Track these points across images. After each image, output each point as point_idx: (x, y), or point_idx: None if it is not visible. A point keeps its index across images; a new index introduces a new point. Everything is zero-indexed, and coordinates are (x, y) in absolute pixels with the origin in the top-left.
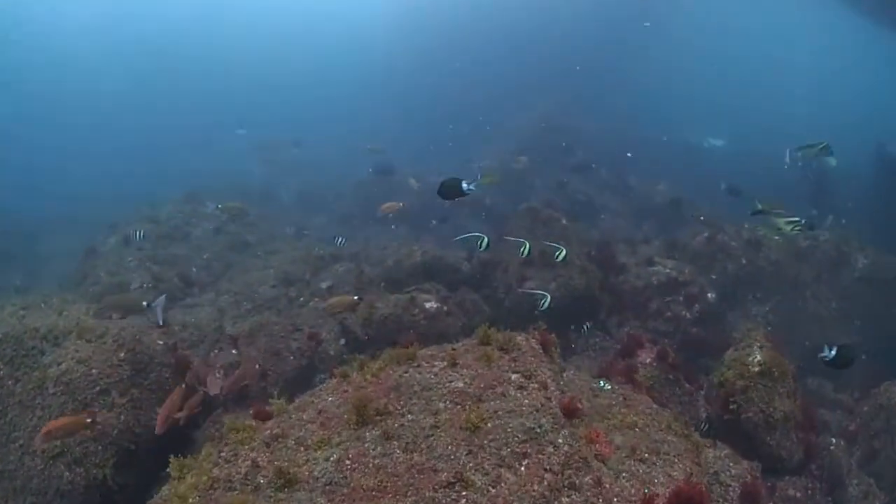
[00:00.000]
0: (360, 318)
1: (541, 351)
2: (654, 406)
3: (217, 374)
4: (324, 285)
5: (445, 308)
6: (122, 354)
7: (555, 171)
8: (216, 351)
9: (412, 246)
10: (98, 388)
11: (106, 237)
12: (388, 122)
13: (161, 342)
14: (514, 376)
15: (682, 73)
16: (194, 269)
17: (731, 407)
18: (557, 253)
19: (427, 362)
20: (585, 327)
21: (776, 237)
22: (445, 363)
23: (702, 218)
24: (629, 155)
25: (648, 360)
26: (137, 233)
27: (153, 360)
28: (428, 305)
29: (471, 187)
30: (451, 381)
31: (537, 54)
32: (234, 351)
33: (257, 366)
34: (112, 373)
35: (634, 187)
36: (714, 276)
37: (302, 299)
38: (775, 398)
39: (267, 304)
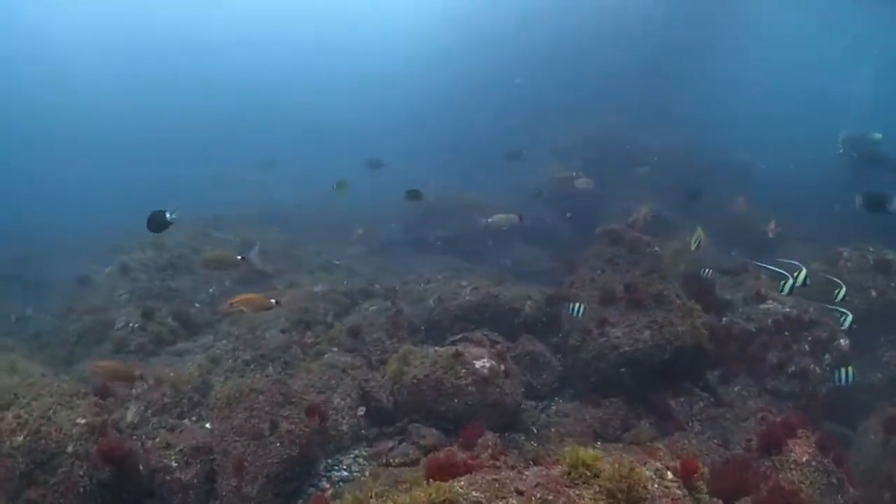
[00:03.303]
0: (388, 381)
1: (684, 495)
2: None
3: None
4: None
5: (502, 367)
6: (20, 439)
7: (619, 187)
8: (190, 420)
9: (460, 281)
10: None
11: (104, 264)
12: (436, 144)
13: (83, 420)
14: None
15: (746, 85)
16: (197, 306)
17: None
18: (783, 282)
19: None
20: None
21: None
22: None
23: None
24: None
25: (805, 458)
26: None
27: (64, 450)
28: (478, 365)
29: (173, 216)
30: None
31: (593, 65)
32: (207, 426)
33: None
34: None
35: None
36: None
37: (318, 347)
38: None
39: (271, 355)
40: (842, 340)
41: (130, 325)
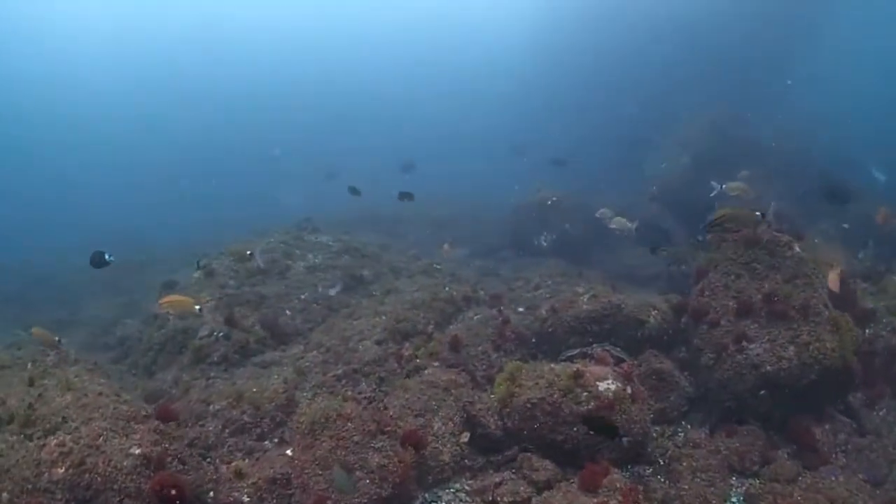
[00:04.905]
0: (496, 403)
1: None
2: None
3: None
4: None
5: (628, 389)
6: (61, 471)
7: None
8: (271, 442)
9: (574, 287)
10: None
11: (191, 271)
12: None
13: (138, 450)
14: None
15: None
16: (288, 312)
17: None
18: None
19: None
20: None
21: None
22: None
23: None
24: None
25: None
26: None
27: (110, 486)
28: (602, 387)
29: (111, 258)
30: None
31: (707, 51)
32: (288, 452)
33: None
34: None
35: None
36: None
37: (417, 361)
38: None
39: (364, 369)
40: None
41: (215, 333)
